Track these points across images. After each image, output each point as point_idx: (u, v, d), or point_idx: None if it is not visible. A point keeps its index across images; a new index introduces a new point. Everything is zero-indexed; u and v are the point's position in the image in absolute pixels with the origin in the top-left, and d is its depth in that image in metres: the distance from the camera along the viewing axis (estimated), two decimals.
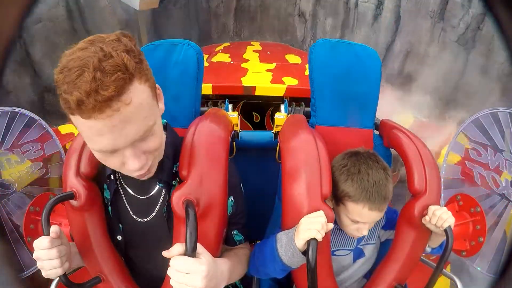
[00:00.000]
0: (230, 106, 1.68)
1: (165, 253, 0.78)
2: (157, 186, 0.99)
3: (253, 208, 1.18)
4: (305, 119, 1.31)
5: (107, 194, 1.02)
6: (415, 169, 1.12)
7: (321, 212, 0.97)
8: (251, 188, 1.15)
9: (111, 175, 0.99)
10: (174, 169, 0.99)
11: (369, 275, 1.21)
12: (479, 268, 1.39)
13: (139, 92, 0.74)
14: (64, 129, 2.00)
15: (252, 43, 3.53)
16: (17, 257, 1.35)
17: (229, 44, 3.56)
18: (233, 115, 1.53)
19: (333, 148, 1.15)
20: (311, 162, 1.04)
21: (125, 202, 1.01)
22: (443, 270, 1.03)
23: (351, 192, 1.03)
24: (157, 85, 0.86)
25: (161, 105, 0.88)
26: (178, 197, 0.91)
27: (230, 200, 1.02)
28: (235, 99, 2.64)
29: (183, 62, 1.24)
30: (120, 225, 1.04)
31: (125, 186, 1.01)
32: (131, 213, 1.01)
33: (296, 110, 1.70)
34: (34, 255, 0.88)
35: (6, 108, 1.43)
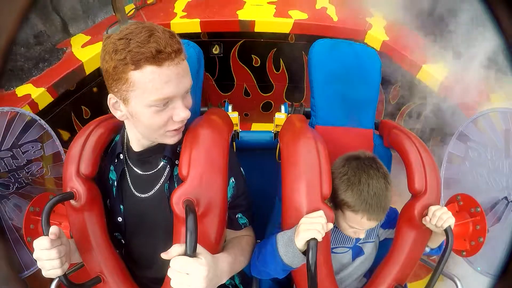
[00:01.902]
0: (230, 106, 1.68)
1: (164, 255, 0.79)
2: (161, 163, 1.04)
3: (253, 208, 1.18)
4: (305, 119, 1.31)
5: (113, 175, 1.07)
6: (415, 169, 1.12)
7: (321, 212, 0.97)
8: (251, 188, 1.15)
9: (121, 154, 1.05)
10: (178, 149, 1.03)
11: (369, 274, 1.21)
12: (479, 268, 1.38)
13: (186, 55, 0.92)
14: (20, 91, 1.83)
15: None
16: (17, 257, 1.35)
17: None
18: (233, 115, 1.53)
19: (333, 148, 1.15)
20: (311, 162, 1.04)
21: (129, 181, 1.06)
22: (443, 270, 1.03)
23: (350, 202, 1.02)
24: None
25: None
26: (178, 197, 0.91)
27: (231, 181, 1.04)
28: (230, 38, 2.27)
29: None
30: (122, 206, 1.07)
31: (131, 166, 1.06)
32: (133, 190, 1.06)
33: (296, 110, 1.70)
34: (34, 255, 0.88)
35: (6, 108, 1.43)
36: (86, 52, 2.07)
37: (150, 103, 0.87)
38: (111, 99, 0.92)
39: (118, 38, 0.84)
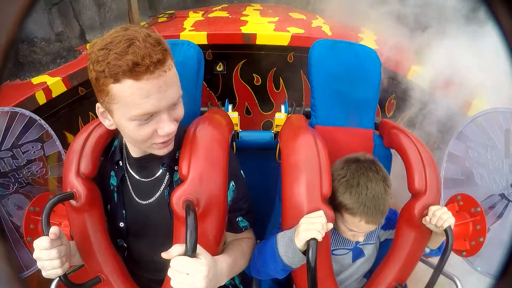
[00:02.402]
0: (230, 106, 1.68)
1: (164, 255, 0.79)
2: (161, 170, 1.03)
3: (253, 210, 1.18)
4: (305, 119, 1.31)
5: (113, 181, 1.06)
6: (415, 169, 1.12)
7: (321, 212, 0.97)
8: (251, 188, 1.15)
9: (120, 161, 1.04)
10: (177, 155, 1.02)
11: (369, 275, 1.21)
12: (479, 268, 1.38)
13: (172, 64, 0.87)
14: (36, 80, 1.92)
15: (252, 4, 3.29)
16: (17, 257, 1.35)
17: (228, 5, 3.38)
18: (233, 115, 1.53)
19: (333, 148, 1.15)
20: (311, 162, 1.04)
21: (130, 187, 1.05)
22: (443, 270, 1.03)
23: (349, 205, 1.02)
24: None
25: None
26: (178, 197, 0.91)
27: (231, 185, 1.04)
28: (233, 55, 2.41)
29: (183, 62, 1.24)
30: (124, 212, 1.06)
31: (131, 172, 1.05)
32: (135, 197, 1.05)
33: (296, 110, 1.70)
34: (34, 255, 0.88)
35: (6, 108, 1.43)
36: None
37: (132, 117, 0.83)
38: (99, 108, 0.91)
39: (99, 48, 0.80)
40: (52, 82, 1.87)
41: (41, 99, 1.84)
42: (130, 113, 0.82)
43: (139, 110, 0.82)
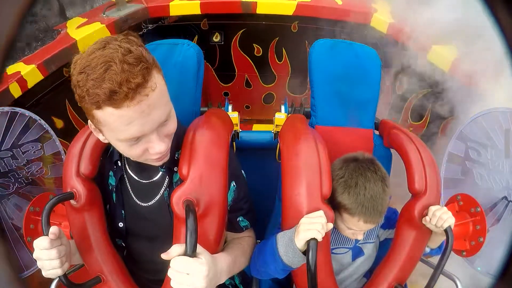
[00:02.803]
0: (230, 107, 1.68)
1: (164, 255, 0.79)
2: (160, 172, 1.02)
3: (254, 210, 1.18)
4: (305, 119, 1.31)
5: (112, 181, 1.06)
6: (415, 169, 1.12)
7: (321, 212, 0.97)
8: (251, 188, 1.15)
9: (118, 162, 1.03)
10: (176, 156, 1.02)
11: (369, 274, 1.21)
12: (479, 268, 1.38)
13: (159, 80, 0.82)
14: (10, 70, 1.73)
15: None
16: (17, 257, 1.35)
17: None
18: (233, 115, 1.53)
19: (333, 148, 1.15)
20: (311, 162, 1.04)
21: (129, 187, 1.05)
22: (443, 270, 1.03)
23: (347, 205, 1.02)
24: None
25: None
26: (178, 197, 0.91)
27: (232, 185, 1.04)
28: (231, 24, 2.21)
29: (183, 62, 1.24)
30: (123, 212, 1.06)
31: (130, 172, 1.04)
32: (134, 198, 1.05)
33: (296, 110, 1.70)
34: (34, 255, 0.88)
35: (6, 108, 1.43)
36: (80, 32, 1.95)
37: (120, 140, 0.83)
38: (91, 125, 0.88)
39: (78, 71, 0.77)
40: (26, 72, 1.69)
41: (16, 91, 1.67)
42: (117, 136, 0.82)
43: (125, 135, 0.80)
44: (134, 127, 0.79)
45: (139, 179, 1.04)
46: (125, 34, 0.82)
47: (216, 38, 2.44)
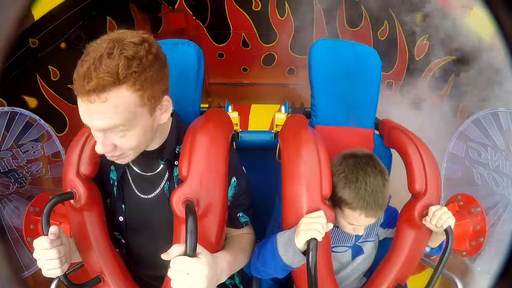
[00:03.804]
0: (230, 107, 1.68)
1: (164, 256, 0.79)
2: (161, 165, 1.03)
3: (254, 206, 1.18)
4: (305, 119, 1.31)
5: (113, 175, 1.06)
6: (415, 169, 1.12)
7: (321, 212, 0.97)
8: (251, 188, 1.15)
9: None
10: (177, 150, 1.03)
11: (369, 274, 1.21)
12: (479, 268, 1.38)
13: (120, 96, 0.81)
14: None
15: None
16: (17, 257, 1.35)
17: None
18: (233, 115, 1.53)
19: (333, 148, 1.15)
20: (311, 162, 1.04)
21: (131, 180, 1.06)
22: (443, 270, 1.03)
23: (348, 200, 1.03)
24: (166, 97, 0.92)
25: (164, 116, 0.93)
26: (178, 197, 0.91)
27: (233, 180, 1.04)
28: None
29: (183, 62, 1.24)
30: (123, 206, 1.06)
31: (132, 165, 1.05)
32: (136, 191, 1.06)
33: (296, 110, 1.70)
34: (34, 255, 0.88)
35: (6, 108, 1.43)
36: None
37: None
38: None
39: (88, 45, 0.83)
40: None
41: None
42: None
43: (81, 117, 0.85)
44: (82, 117, 0.84)
45: (141, 172, 1.05)
46: (145, 37, 0.84)
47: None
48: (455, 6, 1.69)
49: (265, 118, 2.57)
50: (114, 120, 0.82)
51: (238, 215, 1.09)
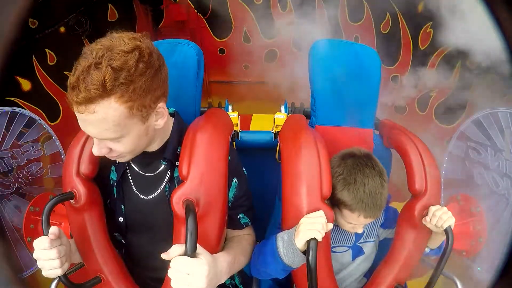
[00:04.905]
0: (230, 107, 1.68)
1: (164, 255, 0.79)
2: (162, 165, 1.03)
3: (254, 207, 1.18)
4: (305, 119, 1.31)
5: (113, 175, 1.06)
6: (415, 169, 1.12)
7: (321, 212, 0.97)
8: (251, 188, 1.15)
9: None
10: (178, 150, 1.03)
11: (369, 274, 1.21)
12: (479, 268, 1.38)
13: (108, 108, 0.81)
14: None
15: None
16: (17, 257, 1.35)
17: None
18: (233, 115, 1.53)
19: (333, 148, 1.15)
20: (311, 162, 1.04)
21: (131, 181, 1.06)
22: (443, 270, 1.03)
23: (347, 202, 1.03)
24: (160, 104, 0.91)
25: (160, 121, 0.93)
26: (178, 197, 0.91)
27: (234, 181, 1.04)
28: None
29: (183, 62, 1.24)
30: (123, 207, 1.06)
31: (133, 165, 1.06)
32: (136, 191, 1.06)
33: (296, 110, 1.70)
34: (34, 255, 0.88)
35: (6, 108, 1.43)
36: None
37: None
38: None
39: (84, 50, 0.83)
40: None
41: None
42: None
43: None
44: (79, 121, 0.85)
45: (142, 172, 1.05)
46: (139, 44, 0.83)
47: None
48: None
49: (266, 126, 2.52)
50: (104, 132, 0.84)
51: (238, 216, 1.09)
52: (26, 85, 1.67)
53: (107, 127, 0.83)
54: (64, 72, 1.83)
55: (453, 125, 1.94)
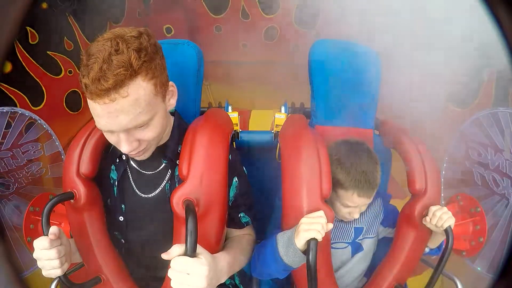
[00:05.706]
0: (230, 107, 1.68)
1: (164, 255, 0.79)
2: (163, 164, 1.04)
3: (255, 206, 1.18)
4: (305, 119, 1.31)
5: (114, 175, 1.07)
6: (415, 169, 1.12)
7: (321, 212, 0.97)
8: (251, 188, 1.15)
9: (123, 156, 1.05)
10: (179, 149, 1.04)
11: (369, 274, 1.21)
12: (479, 268, 1.39)
13: (139, 88, 0.83)
14: None
15: None
16: (17, 257, 1.35)
17: None
18: (233, 115, 1.53)
19: None
20: (311, 162, 1.04)
21: (131, 180, 1.07)
22: (443, 270, 1.03)
23: (341, 180, 1.07)
24: (171, 82, 0.96)
25: (172, 101, 0.98)
26: (178, 197, 0.91)
27: (235, 180, 1.05)
28: None
29: (183, 62, 1.24)
30: (123, 206, 1.06)
31: (133, 164, 1.06)
32: (136, 190, 1.06)
33: (296, 110, 1.70)
34: (34, 255, 0.88)
35: (6, 108, 1.43)
36: None
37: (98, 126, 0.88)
38: None
39: (87, 50, 0.83)
40: None
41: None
42: (96, 123, 0.87)
43: (97, 124, 0.86)
44: (101, 121, 0.84)
45: (142, 171, 1.06)
46: (142, 30, 0.85)
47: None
48: None
49: (265, 122, 2.49)
50: (138, 117, 0.84)
51: (239, 215, 1.09)
52: (6, 66, 1.55)
53: (141, 109, 0.84)
54: (48, 52, 1.74)
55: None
